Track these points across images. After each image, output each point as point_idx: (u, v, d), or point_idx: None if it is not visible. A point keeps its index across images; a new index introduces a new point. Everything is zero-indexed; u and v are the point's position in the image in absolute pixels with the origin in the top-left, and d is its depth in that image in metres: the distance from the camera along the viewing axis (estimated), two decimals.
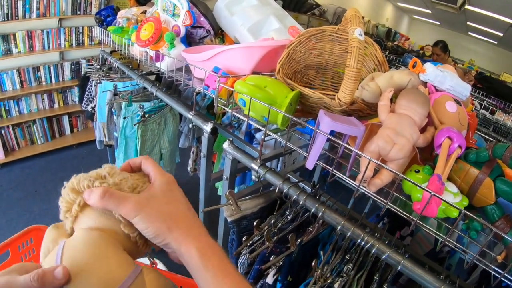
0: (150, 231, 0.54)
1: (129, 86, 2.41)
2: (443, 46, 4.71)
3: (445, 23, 10.24)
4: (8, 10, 3.83)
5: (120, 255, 0.52)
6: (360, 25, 0.89)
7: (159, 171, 0.63)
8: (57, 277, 0.45)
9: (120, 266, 0.50)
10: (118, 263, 0.51)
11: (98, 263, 0.49)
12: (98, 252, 0.50)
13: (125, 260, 0.52)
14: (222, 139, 2.15)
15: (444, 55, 4.70)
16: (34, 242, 0.85)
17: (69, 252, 0.49)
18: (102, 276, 0.47)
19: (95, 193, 0.54)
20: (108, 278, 0.48)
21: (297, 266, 1.04)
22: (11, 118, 4.34)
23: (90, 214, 0.55)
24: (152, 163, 0.64)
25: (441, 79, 0.99)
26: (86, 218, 0.55)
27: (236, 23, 1.64)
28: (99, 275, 0.47)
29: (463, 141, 0.81)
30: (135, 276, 0.50)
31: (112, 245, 0.53)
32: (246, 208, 1.15)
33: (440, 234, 0.79)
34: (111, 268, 0.49)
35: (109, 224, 0.55)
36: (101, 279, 0.47)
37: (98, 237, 0.52)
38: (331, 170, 0.89)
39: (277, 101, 0.98)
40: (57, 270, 0.46)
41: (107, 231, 0.54)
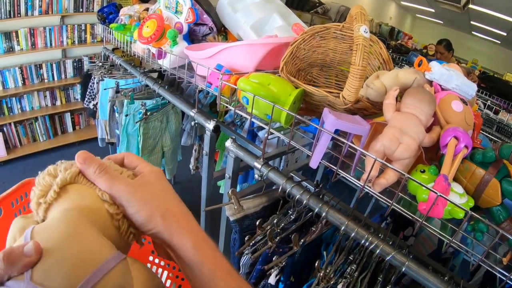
0: (141, 215, 0.51)
1: (131, 83, 2.41)
2: (446, 44, 4.69)
3: (449, 22, 10.21)
4: (10, 8, 3.82)
5: (100, 237, 0.47)
6: (365, 22, 0.88)
7: (147, 163, 0.60)
8: (27, 253, 0.39)
9: (100, 247, 0.45)
10: (98, 243, 0.45)
11: (73, 240, 0.43)
12: (74, 229, 0.45)
13: (106, 243, 0.47)
14: (224, 137, 2.14)
15: (448, 54, 4.68)
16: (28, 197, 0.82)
17: (40, 233, 0.43)
18: (78, 255, 0.42)
19: (91, 164, 0.52)
20: (85, 258, 0.42)
21: (300, 267, 1.03)
22: (13, 116, 4.35)
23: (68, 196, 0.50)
24: (138, 157, 0.61)
25: (447, 78, 0.97)
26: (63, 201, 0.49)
27: (239, 20, 1.63)
28: (74, 253, 0.42)
29: (470, 141, 0.80)
30: (117, 261, 0.45)
31: (91, 225, 0.47)
32: (248, 207, 1.14)
33: (445, 236, 0.77)
34: (89, 248, 0.44)
35: (89, 205, 0.50)
36: (76, 258, 0.41)
37: (75, 215, 0.47)
38: (336, 170, 0.88)
39: (281, 99, 0.97)
40: (27, 246, 0.39)
41: (86, 210, 0.49)
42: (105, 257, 0.44)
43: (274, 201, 1.21)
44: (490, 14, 7.09)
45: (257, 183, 1.37)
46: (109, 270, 0.43)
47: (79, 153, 0.52)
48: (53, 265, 0.40)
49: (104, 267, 0.43)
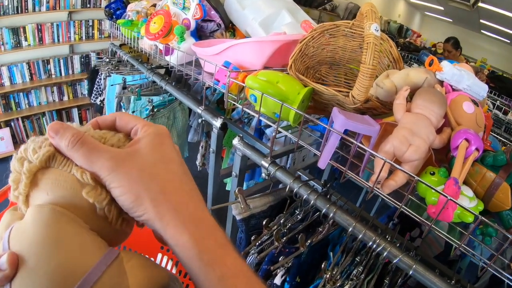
0: (126, 198, 0.40)
1: (138, 79, 2.41)
2: (454, 42, 4.65)
3: (458, 20, 10.14)
4: (18, 3, 3.85)
5: (85, 235, 0.39)
6: (376, 20, 0.86)
7: (145, 121, 0.47)
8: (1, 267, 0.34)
9: (86, 249, 0.38)
10: (83, 245, 0.38)
11: (54, 246, 0.36)
12: (53, 231, 0.37)
13: (93, 242, 0.40)
14: (231, 134, 2.13)
15: (456, 52, 4.64)
16: None
17: (17, 237, 0.37)
18: (60, 263, 0.35)
19: (64, 136, 0.41)
20: (70, 265, 0.36)
21: (306, 267, 1.03)
22: (21, 111, 4.37)
23: (41, 186, 0.41)
24: (134, 117, 0.48)
25: (458, 78, 0.96)
26: (38, 192, 0.42)
27: (247, 16, 1.61)
28: (56, 262, 0.35)
29: (481, 143, 0.78)
30: (109, 262, 0.38)
31: (73, 222, 0.39)
32: (255, 206, 1.13)
33: (454, 239, 0.76)
34: (72, 253, 0.37)
35: (67, 195, 0.41)
36: (58, 268, 0.35)
37: (52, 213, 0.39)
38: (344, 170, 0.87)
39: (289, 98, 0.96)
40: (1, 259, 0.34)
41: (65, 205, 0.40)
42: (94, 260, 0.37)
43: (281, 200, 1.20)
44: (500, 13, 7.03)
45: (264, 182, 1.37)
46: (100, 275, 0.36)
47: (51, 124, 0.42)
48: (32, 277, 0.34)
49: (93, 273, 0.36)
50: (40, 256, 0.35)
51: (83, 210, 0.41)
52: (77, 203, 0.41)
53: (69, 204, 0.40)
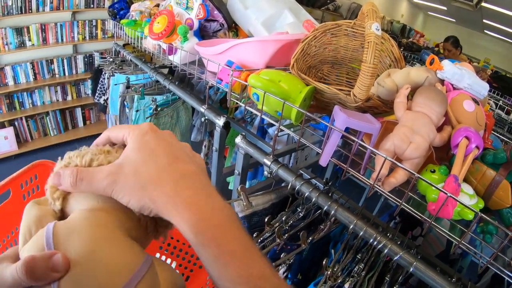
0: (133, 203, 0.43)
1: (141, 79, 2.42)
2: (454, 41, 4.63)
3: (461, 20, 10.11)
4: (21, 4, 3.88)
5: (129, 241, 0.43)
6: (377, 19, 0.87)
7: (131, 127, 0.49)
8: (55, 267, 0.34)
9: (132, 253, 0.41)
10: (130, 249, 0.41)
11: (104, 248, 0.39)
12: (104, 235, 0.40)
13: (136, 247, 0.43)
14: (234, 133, 2.14)
15: (456, 51, 4.62)
16: (39, 179, 0.79)
17: (64, 236, 0.38)
18: (111, 264, 0.37)
19: (64, 179, 0.44)
20: (118, 266, 0.38)
21: (307, 264, 1.03)
22: (25, 110, 4.41)
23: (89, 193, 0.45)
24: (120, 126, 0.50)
25: (458, 77, 0.97)
26: (84, 197, 0.45)
27: (250, 16, 1.62)
28: (106, 262, 0.37)
29: (481, 141, 0.79)
30: (148, 266, 0.41)
31: (119, 228, 0.43)
32: (257, 204, 1.14)
33: (454, 237, 0.77)
34: (121, 255, 0.39)
35: (116, 205, 0.44)
36: (109, 268, 0.37)
37: (102, 218, 0.42)
38: (346, 168, 0.88)
39: (291, 96, 0.97)
40: (55, 257, 0.35)
41: (112, 212, 0.44)
42: (138, 263, 0.40)
43: (283, 198, 1.21)
44: (503, 13, 7.01)
45: (266, 180, 1.37)
46: (142, 277, 0.39)
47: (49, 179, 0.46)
48: (84, 276, 0.36)
49: (138, 274, 0.39)
50: (91, 257, 0.37)
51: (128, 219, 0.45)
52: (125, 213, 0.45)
53: (116, 211, 0.44)
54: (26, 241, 0.41)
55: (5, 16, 3.82)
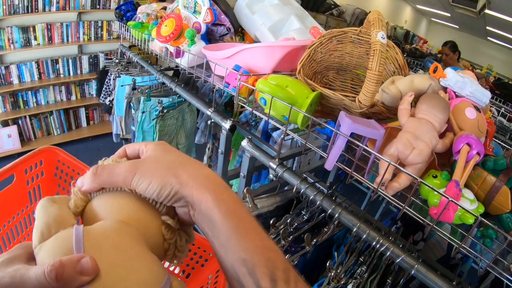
0: (154, 184, 0.45)
1: (147, 81, 2.44)
2: (451, 45, 4.64)
3: (464, 27, 10.12)
4: (28, 3, 3.90)
5: (155, 256, 0.43)
6: (383, 28, 0.89)
7: (147, 142, 0.53)
8: (84, 271, 0.34)
9: (159, 268, 0.41)
10: (157, 264, 0.42)
11: (135, 260, 0.39)
12: (134, 247, 0.41)
13: (160, 263, 0.43)
14: (238, 136, 2.16)
15: (454, 55, 4.62)
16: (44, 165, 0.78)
17: (95, 241, 0.39)
18: (141, 277, 0.38)
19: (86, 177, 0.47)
20: (148, 280, 0.38)
21: (311, 266, 1.05)
22: (29, 109, 4.42)
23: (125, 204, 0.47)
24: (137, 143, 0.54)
25: (461, 85, 0.99)
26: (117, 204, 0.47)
27: (256, 21, 1.64)
28: (138, 275, 0.38)
29: (482, 148, 0.81)
30: (170, 283, 0.41)
31: (146, 244, 0.44)
32: (262, 206, 1.16)
33: (455, 240, 0.79)
34: (151, 269, 0.40)
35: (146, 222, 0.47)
36: (140, 280, 0.37)
37: (131, 230, 0.43)
38: (350, 172, 0.90)
39: (298, 101, 0.99)
40: (83, 260, 0.35)
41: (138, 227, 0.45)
42: (163, 279, 0.40)
43: (287, 201, 1.23)
44: (506, 20, 7.03)
45: (271, 183, 1.39)
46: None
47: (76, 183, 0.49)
48: (115, 285, 0.36)
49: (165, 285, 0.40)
50: (123, 267, 0.38)
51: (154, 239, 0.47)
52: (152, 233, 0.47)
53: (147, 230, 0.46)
54: (44, 238, 0.40)
55: (11, 15, 3.85)
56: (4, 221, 0.73)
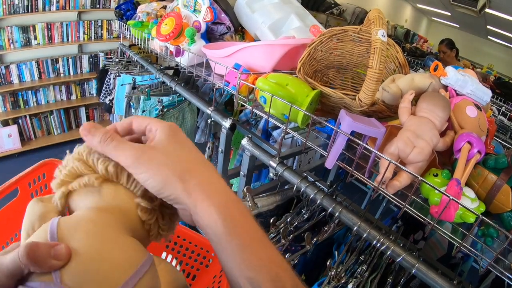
0: (155, 180, 0.43)
1: (147, 80, 2.43)
2: (448, 43, 4.62)
3: (465, 26, 10.11)
4: (28, 2, 3.90)
5: (131, 239, 0.43)
6: (383, 26, 0.89)
7: (157, 120, 0.50)
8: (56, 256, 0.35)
9: (134, 250, 0.42)
10: (132, 247, 0.42)
11: (108, 244, 0.39)
12: (107, 232, 0.41)
13: (138, 245, 0.43)
14: (238, 135, 2.15)
15: (451, 52, 4.61)
16: (47, 178, 0.79)
17: (68, 230, 0.39)
18: (114, 260, 0.38)
19: (96, 133, 0.46)
20: (121, 263, 0.38)
21: (312, 265, 1.05)
22: (29, 109, 4.43)
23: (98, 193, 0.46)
24: (146, 117, 0.51)
25: (462, 83, 0.98)
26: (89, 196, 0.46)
27: (257, 20, 1.64)
28: (109, 258, 0.38)
29: (483, 146, 0.81)
30: (150, 264, 0.41)
31: (121, 228, 0.43)
32: (262, 205, 1.16)
33: (455, 239, 0.78)
34: (125, 252, 0.40)
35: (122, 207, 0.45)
36: (112, 264, 0.38)
37: (106, 217, 0.43)
38: (350, 171, 0.89)
39: (298, 100, 0.98)
40: (57, 248, 0.35)
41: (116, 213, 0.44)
42: (140, 260, 0.40)
43: (287, 200, 1.23)
44: (506, 19, 7.02)
45: (271, 182, 1.39)
46: (143, 274, 0.40)
47: (83, 124, 0.47)
48: (87, 269, 0.36)
49: (139, 271, 0.39)
50: (95, 252, 0.38)
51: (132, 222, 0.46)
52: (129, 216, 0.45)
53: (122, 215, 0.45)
54: (29, 236, 0.42)
55: (11, 14, 3.85)
56: (11, 234, 0.74)
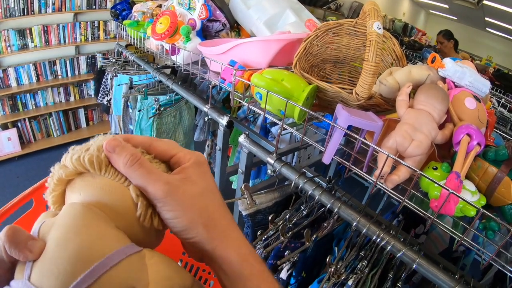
0: (180, 222, 0.43)
1: (144, 79, 2.43)
2: (445, 33, 4.60)
3: (463, 18, 10.09)
4: (24, 5, 3.88)
5: (109, 229, 0.40)
6: (378, 18, 0.88)
7: (184, 150, 0.49)
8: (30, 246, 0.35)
9: (106, 239, 0.39)
10: (103, 235, 0.39)
11: (74, 232, 0.37)
12: (76, 221, 0.39)
13: (116, 236, 0.40)
14: (237, 132, 2.15)
15: (448, 43, 4.59)
16: None
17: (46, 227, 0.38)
18: (76, 250, 0.36)
19: (122, 153, 0.43)
20: (87, 250, 0.36)
21: (311, 262, 1.04)
22: (28, 111, 4.41)
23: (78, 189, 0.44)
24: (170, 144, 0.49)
25: (460, 74, 0.97)
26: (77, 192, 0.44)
27: (252, 16, 1.63)
28: (71, 248, 0.36)
29: (482, 138, 0.79)
30: (128, 253, 0.39)
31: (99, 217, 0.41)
32: (261, 202, 1.15)
33: (456, 233, 0.77)
34: (90, 241, 0.37)
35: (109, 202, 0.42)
36: (72, 254, 0.35)
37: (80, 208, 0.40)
38: (348, 165, 0.88)
39: (294, 95, 0.97)
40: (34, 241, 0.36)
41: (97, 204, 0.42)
42: (110, 250, 0.37)
43: (286, 196, 1.22)
44: (505, 11, 7.00)
45: (269, 179, 1.38)
46: (117, 263, 0.37)
47: (108, 141, 0.43)
48: (49, 263, 0.35)
49: (109, 260, 0.36)
50: (61, 241, 0.36)
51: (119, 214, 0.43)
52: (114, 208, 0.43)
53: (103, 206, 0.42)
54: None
55: (7, 18, 3.83)
56: None
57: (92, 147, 0.45)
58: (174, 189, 0.43)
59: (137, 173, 0.42)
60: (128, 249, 0.39)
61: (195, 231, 0.44)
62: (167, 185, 0.43)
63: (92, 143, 0.46)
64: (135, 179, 0.43)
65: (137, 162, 0.43)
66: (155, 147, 0.48)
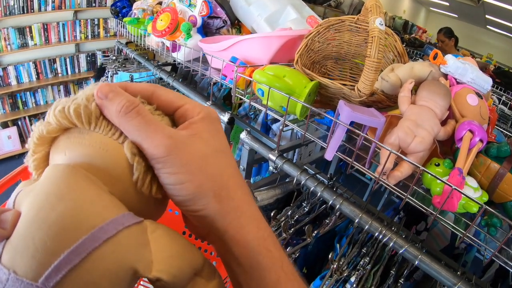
0: (186, 188, 0.34)
1: (145, 76, 2.42)
2: (446, 31, 4.60)
3: (463, 16, 10.09)
4: (23, 3, 3.89)
5: (102, 194, 0.32)
6: (380, 14, 0.88)
7: (194, 101, 0.39)
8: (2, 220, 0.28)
9: (99, 205, 0.30)
10: (96, 201, 0.31)
11: (57, 197, 0.29)
12: (60, 184, 0.30)
13: (111, 202, 0.32)
14: (238, 129, 2.14)
15: (449, 41, 4.58)
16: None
17: (24, 195, 0.31)
18: (63, 214, 0.28)
19: (116, 99, 0.34)
20: (74, 218, 0.28)
21: (313, 258, 1.04)
22: (28, 110, 4.42)
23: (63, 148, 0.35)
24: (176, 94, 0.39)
25: (462, 71, 0.97)
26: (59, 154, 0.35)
27: (253, 13, 1.62)
28: (57, 213, 0.28)
29: (485, 135, 0.79)
30: (128, 224, 0.31)
31: (89, 180, 0.32)
32: (262, 199, 1.15)
33: (458, 229, 0.77)
34: (80, 206, 0.29)
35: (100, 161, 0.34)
36: (60, 219, 0.28)
37: (65, 169, 0.32)
38: (351, 162, 0.88)
39: (296, 91, 0.97)
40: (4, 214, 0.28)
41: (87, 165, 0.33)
42: (103, 219, 0.29)
43: (288, 193, 1.22)
44: (505, 8, 6.99)
45: (271, 176, 1.38)
46: (114, 235, 0.29)
47: (100, 86, 0.34)
48: (24, 237, 0.27)
49: (105, 230, 0.29)
50: (41, 208, 0.29)
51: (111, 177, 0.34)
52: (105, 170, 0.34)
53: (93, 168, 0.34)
54: None
55: (7, 16, 3.83)
56: None
57: (80, 96, 0.36)
58: (179, 146, 0.34)
59: (133, 123, 0.33)
60: (126, 219, 0.31)
61: (204, 201, 0.34)
62: (169, 140, 0.33)
63: (81, 93, 0.37)
64: (131, 132, 0.34)
65: (134, 109, 0.34)
66: (158, 96, 0.38)
